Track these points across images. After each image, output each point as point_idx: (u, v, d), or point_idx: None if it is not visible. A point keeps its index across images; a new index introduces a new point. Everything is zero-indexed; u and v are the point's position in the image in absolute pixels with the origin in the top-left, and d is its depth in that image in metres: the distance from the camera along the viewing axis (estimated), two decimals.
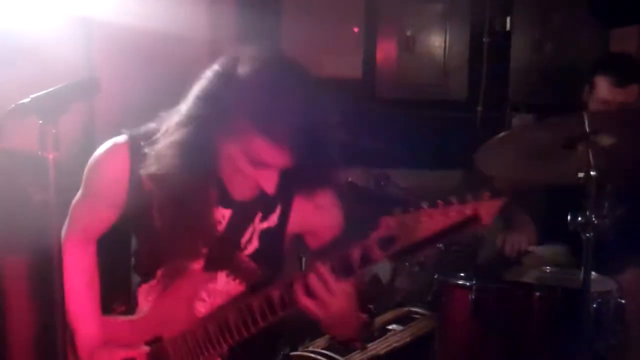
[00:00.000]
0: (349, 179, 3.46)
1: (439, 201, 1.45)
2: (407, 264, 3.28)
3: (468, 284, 2.55)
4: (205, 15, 3.74)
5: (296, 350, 2.59)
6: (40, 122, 1.31)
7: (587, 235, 2.15)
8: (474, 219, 1.43)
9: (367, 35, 4.32)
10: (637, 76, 2.83)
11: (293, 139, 1.55)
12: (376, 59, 4.34)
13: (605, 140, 2.15)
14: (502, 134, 2.51)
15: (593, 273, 2.39)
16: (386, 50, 4.35)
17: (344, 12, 4.30)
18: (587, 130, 2.17)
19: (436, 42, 4.35)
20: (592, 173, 2.11)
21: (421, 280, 3.19)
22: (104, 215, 1.87)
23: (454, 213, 1.43)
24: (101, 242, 1.96)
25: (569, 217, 2.17)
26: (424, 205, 1.46)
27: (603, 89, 2.90)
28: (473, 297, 2.49)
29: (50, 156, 1.32)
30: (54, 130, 1.30)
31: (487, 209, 1.44)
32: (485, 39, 4.24)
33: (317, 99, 1.62)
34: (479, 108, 4.10)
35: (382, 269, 3.49)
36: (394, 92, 4.40)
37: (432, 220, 1.44)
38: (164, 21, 3.10)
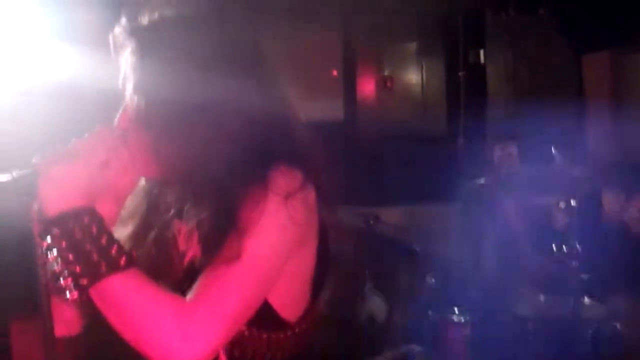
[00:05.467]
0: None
1: None
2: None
3: (463, 319, 2.55)
4: None
5: None
6: (25, 198, 1.32)
7: (574, 263, 2.18)
8: None
9: (345, 77, 4.39)
10: None
11: None
12: (356, 100, 4.41)
13: None
14: None
15: (586, 299, 2.41)
16: (366, 91, 4.43)
17: (321, 57, 4.37)
18: None
19: (413, 79, 4.42)
20: (572, 202, 2.15)
21: (416, 317, 3.18)
22: None
23: None
24: None
25: (553, 248, 2.19)
26: None
27: None
28: (468, 332, 2.50)
29: (35, 227, 1.33)
30: (36, 205, 1.32)
31: None
32: (460, 73, 4.30)
33: None
34: (460, 141, 4.14)
35: (378, 308, 3.47)
36: (376, 131, 4.45)
37: None
38: None
